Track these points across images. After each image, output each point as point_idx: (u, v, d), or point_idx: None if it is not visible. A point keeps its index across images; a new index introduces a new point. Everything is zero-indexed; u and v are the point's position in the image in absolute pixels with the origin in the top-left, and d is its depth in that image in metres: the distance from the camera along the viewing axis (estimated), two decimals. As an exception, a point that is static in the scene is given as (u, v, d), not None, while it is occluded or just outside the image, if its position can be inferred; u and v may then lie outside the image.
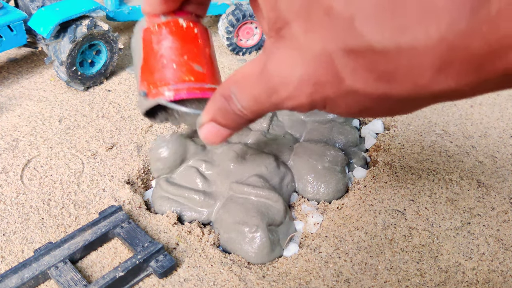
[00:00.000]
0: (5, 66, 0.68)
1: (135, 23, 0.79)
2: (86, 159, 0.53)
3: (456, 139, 0.57)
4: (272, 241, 0.44)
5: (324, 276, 0.42)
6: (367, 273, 0.42)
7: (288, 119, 0.58)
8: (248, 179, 0.48)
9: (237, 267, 0.42)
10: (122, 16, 0.67)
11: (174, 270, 0.42)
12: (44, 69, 0.68)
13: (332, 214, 0.48)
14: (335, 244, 0.45)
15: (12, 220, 0.46)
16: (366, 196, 0.50)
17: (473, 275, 0.42)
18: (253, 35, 0.72)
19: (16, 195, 0.48)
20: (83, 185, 0.50)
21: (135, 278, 0.41)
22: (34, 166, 0.52)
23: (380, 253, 0.44)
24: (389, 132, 0.58)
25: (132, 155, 0.53)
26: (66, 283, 0.39)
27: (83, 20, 0.59)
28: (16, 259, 0.42)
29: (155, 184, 0.50)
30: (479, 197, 0.50)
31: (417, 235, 0.46)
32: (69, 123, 0.58)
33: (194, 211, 0.47)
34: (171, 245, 0.44)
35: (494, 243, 0.45)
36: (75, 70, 0.60)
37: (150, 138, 0.56)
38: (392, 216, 0.47)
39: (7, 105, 0.60)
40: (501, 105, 0.63)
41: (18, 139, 0.55)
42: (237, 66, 0.69)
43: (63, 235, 0.44)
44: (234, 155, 0.50)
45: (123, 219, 0.44)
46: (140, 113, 0.34)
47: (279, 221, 0.46)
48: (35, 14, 0.58)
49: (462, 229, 0.47)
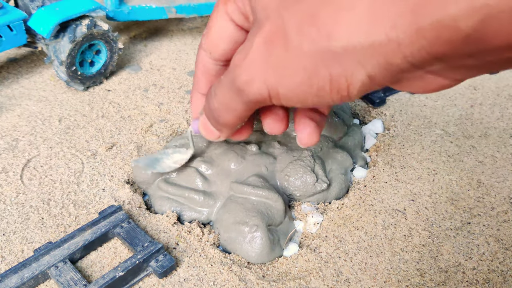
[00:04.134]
0: (5, 66, 0.68)
1: (135, 23, 0.79)
2: (86, 159, 0.53)
3: (456, 139, 0.57)
4: (272, 241, 0.44)
5: (324, 276, 0.42)
6: (367, 273, 0.42)
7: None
8: (248, 179, 0.48)
9: (237, 267, 0.42)
10: (122, 16, 0.67)
11: (174, 270, 0.42)
12: (44, 69, 0.67)
13: (332, 214, 0.48)
14: (335, 244, 0.45)
15: (12, 220, 0.46)
16: (366, 196, 0.50)
17: (473, 275, 0.42)
18: (253, 35, 0.72)
19: (16, 195, 0.48)
20: (83, 185, 0.50)
21: (135, 278, 0.41)
22: (34, 166, 0.52)
23: (380, 253, 0.44)
24: (389, 132, 0.58)
25: (132, 155, 0.53)
26: (66, 283, 0.39)
27: (83, 20, 0.59)
28: (16, 259, 0.42)
29: (153, 185, 0.50)
30: (479, 197, 0.50)
31: (417, 235, 0.46)
32: (69, 123, 0.58)
33: (194, 211, 0.47)
34: (171, 245, 0.44)
35: (494, 243, 0.45)
36: (75, 70, 0.60)
37: (150, 138, 0.56)
38: (392, 216, 0.47)
39: (7, 104, 0.60)
40: (501, 105, 0.63)
41: (17, 139, 0.55)
42: (237, 66, 0.69)
43: (63, 235, 0.44)
44: (234, 155, 0.50)
45: (123, 219, 0.44)
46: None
47: (279, 221, 0.46)
48: (35, 14, 0.58)
49: (462, 229, 0.47)
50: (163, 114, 0.60)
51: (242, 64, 0.28)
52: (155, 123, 0.58)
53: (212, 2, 0.70)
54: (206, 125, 0.36)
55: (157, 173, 0.49)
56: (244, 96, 0.29)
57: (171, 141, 0.55)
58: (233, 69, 0.29)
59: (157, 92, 0.64)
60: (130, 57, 0.71)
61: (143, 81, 0.66)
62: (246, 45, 0.28)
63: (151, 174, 0.49)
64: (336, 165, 0.51)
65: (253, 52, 0.27)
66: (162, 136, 0.56)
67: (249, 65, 0.27)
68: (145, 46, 0.74)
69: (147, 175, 0.49)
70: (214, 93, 0.32)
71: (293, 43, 0.25)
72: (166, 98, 0.63)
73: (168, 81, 0.66)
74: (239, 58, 0.28)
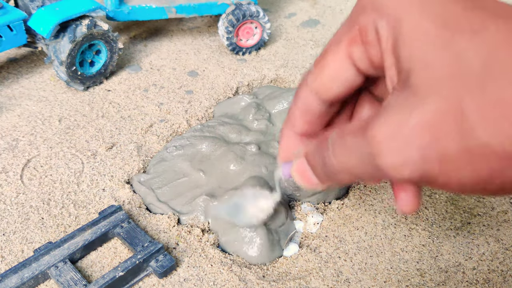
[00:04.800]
0: (5, 66, 0.68)
1: (135, 23, 0.79)
2: (86, 159, 0.53)
3: (456, 139, 0.57)
4: (272, 241, 0.44)
5: (324, 276, 0.42)
6: (367, 273, 0.42)
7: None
8: (247, 180, 0.48)
9: (237, 267, 0.42)
10: (122, 16, 0.67)
11: (174, 270, 0.42)
12: (44, 69, 0.68)
13: (332, 214, 0.48)
14: (335, 244, 0.45)
15: (12, 220, 0.46)
16: (366, 196, 0.50)
17: (473, 275, 0.42)
18: (253, 35, 0.72)
19: (16, 195, 0.48)
20: (83, 185, 0.50)
21: (135, 278, 0.41)
22: (34, 166, 0.52)
23: (380, 253, 0.44)
24: (389, 132, 0.58)
25: (132, 155, 0.53)
26: (66, 283, 0.39)
27: (83, 20, 0.59)
28: (16, 259, 0.42)
29: (144, 193, 0.49)
30: (479, 197, 0.50)
31: (417, 235, 0.46)
32: (69, 123, 0.58)
33: (192, 214, 0.47)
34: (171, 245, 0.44)
35: (494, 243, 0.45)
36: (75, 70, 0.60)
37: (150, 138, 0.56)
38: (392, 216, 0.48)
39: (7, 104, 0.60)
40: (501, 105, 0.63)
41: (18, 139, 0.55)
42: (237, 66, 0.69)
43: (63, 235, 0.44)
44: (234, 155, 0.50)
45: (123, 219, 0.44)
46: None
47: (279, 221, 0.46)
48: (35, 14, 0.58)
49: (462, 229, 0.47)
50: (163, 114, 0.60)
51: (391, 144, 0.23)
52: (155, 123, 0.58)
53: (212, 2, 0.70)
54: (304, 172, 0.32)
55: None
56: (381, 174, 0.25)
57: (171, 141, 0.55)
58: (374, 142, 0.24)
59: (157, 92, 0.64)
60: (130, 57, 0.71)
61: (143, 81, 0.66)
62: (393, 118, 0.23)
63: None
64: None
65: (410, 133, 0.22)
66: (162, 136, 0.56)
67: (402, 149, 0.23)
68: (145, 46, 0.74)
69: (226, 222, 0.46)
70: (333, 150, 0.28)
71: (475, 134, 0.20)
72: (166, 98, 0.63)
73: (168, 81, 0.66)
74: (385, 134, 0.23)
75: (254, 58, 0.72)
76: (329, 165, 0.28)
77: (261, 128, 0.56)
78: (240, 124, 0.56)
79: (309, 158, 0.31)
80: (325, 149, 0.29)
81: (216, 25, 0.80)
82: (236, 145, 0.52)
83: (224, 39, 0.70)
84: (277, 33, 0.78)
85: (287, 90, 0.62)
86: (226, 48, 0.74)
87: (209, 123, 0.57)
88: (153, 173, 0.51)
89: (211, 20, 0.82)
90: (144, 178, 0.50)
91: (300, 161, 0.32)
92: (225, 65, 0.70)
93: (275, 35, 0.78)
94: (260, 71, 0.68)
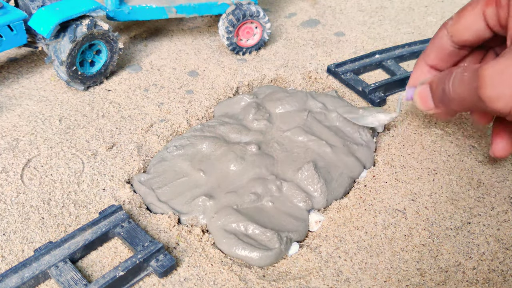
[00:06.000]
0: (5, 65, 0.68)
1: (135, 23, 0.79)
2: (86, 158, 0.53)
3: (456, 139, 0.57)
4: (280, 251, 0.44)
5: (324, 275, 0.42)
6: (367, 273, 0.42)
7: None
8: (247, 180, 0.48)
9: (237, 267, 0.42)
10: (122, 15, 0.67)
11: (174, 270, 0.42)
12: (44, 69, 0.68)
13: (332, 214, 0.48)
14: (335, 244, 0.45)
15: (12, 219, 0.46)
16: (366, 196, 0.50)
17: (473, 275, 0.42)
18: (253, 35, 0.72)
19: (16, 195, 0.48)
20: (83, 184, 0.50)
21: (135, 278, 0.41)
22: (34, 165, 0.52)
23: (380, 253, 0.44)
24: (389, 132, 0.58)
25: (132, 155, 0.53)
26: (66, 283, 0.39)
27: (83, 20, 0.59)
28: (16, 259, 0.42)
29: (144, 193, 0.49)
30: (479, 197, 0.50)
31: (417, 235, 0.46)
32: (69, 123, 0.58)
33: (192, 216, 0.47)
34: (171, 244, 0.44)
35: (494, 243, 0.45)
36: (75, 69, 0.60)
37: (150, 137, 0.56)
38: (392, 216, 0.48)
39: (7, 104, 0.60)
40: (501, 105, 0.63)
41: (18, 138, 0.55)
42: (237, 66, 0.69)
43: (63, 235, 0.44)
44: (234, 155, 0.50)
45: (123, 219, 0.44)
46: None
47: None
48: (35, 14, 0.58)
49: (462, 228, 0.47)
50: (163, 114, 0.60)
51: (494, 80, 0.30)
52: (155, 123, 0.58)
53: (213, 2, 0.70)
54: (425, 96, 0.39)
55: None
56: (482, 105, 0.32)
57: (171, 141, 0.55)
58: (480, 77, 0.31)
59: (157, 92, 0.64)
60: (130, 57, 0.71)
61: (144, 81, 0.66)
62: (500, 63, 0.30)
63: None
64: (346, 170, 0.51)
65: (509, 75, 0.30)
66: (162, 136, 0.56)
67: (500, 84, 0.30)
68: (145, 46, 0.74)
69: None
70: (453, 82, 0.35)
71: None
72: (166, 98, 0.63)
73: (168, 81, 0.66)
74: (492, 72, 0.31)
75: (254, 58, 0.72)
76: (447, 93, 0.35)
77: (261, 128, 0.56)
78: (240, 124, 0.56)
79: (432, 85, 0.38)
80: (447, 79, 0.35)
81: (216, 25, 0.80)
82: (236, 145, 0.52)
83: (224, 39, 0.70)
84: (277, 33, 0.78)
85: (287, 90, 0.62)
86: (226, 48, 0.74)
87: (209, 123, 0.57)
88: (154, 173, 0.51)
89: (211, 20, 0.82)
90: (144, 178, 0.50)
91: (424, 87, 0.39)
92: (225, 65, 0.70)
93: (275, 35, 0.78)
94: (260, 71, 0.68)
